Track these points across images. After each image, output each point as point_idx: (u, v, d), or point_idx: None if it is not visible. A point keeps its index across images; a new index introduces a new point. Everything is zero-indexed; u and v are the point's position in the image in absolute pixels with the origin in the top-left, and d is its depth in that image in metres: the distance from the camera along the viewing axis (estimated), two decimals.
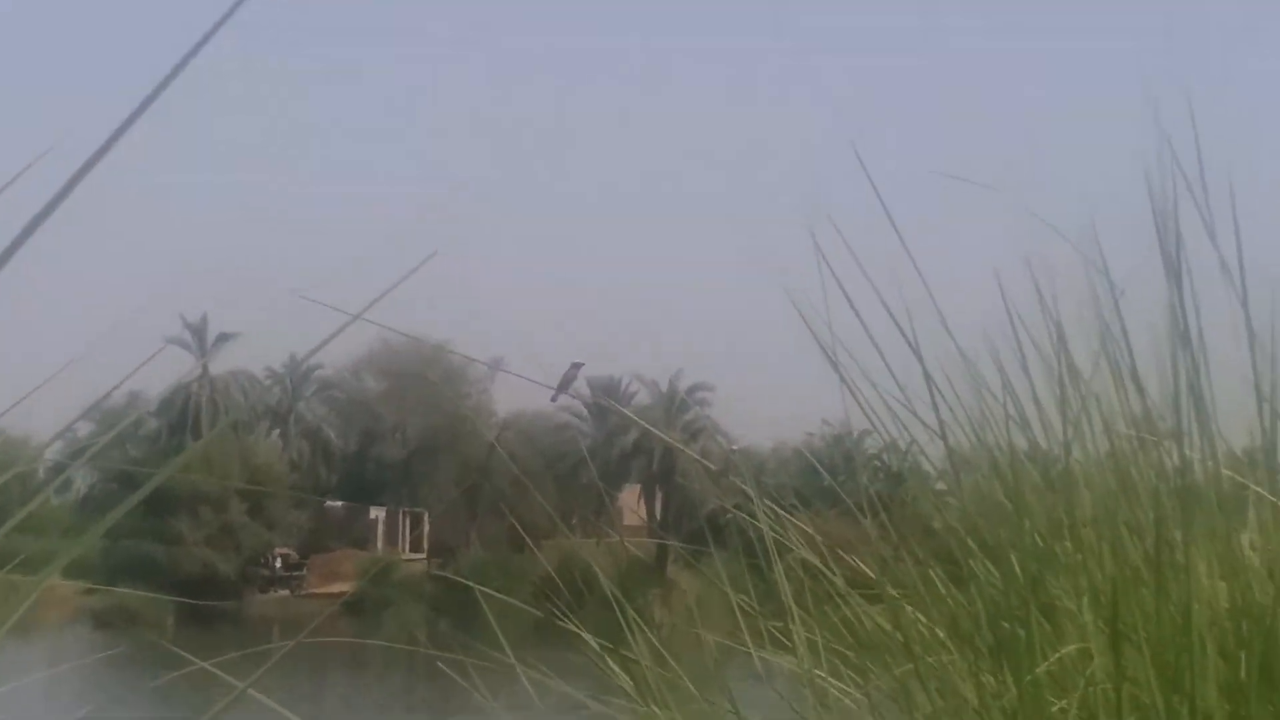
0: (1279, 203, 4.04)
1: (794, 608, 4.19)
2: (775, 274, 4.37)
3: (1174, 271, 3.76)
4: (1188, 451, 3.72)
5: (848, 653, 4.24)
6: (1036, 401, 4.05)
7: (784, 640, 4.27)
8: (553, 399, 5.49)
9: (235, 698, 2.54)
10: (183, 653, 4.32)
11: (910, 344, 4.00)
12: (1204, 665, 3.42)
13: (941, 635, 3.94)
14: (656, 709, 4.22)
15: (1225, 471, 3.77)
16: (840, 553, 4.44)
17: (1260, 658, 3.44)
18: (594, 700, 4.50)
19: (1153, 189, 3.82)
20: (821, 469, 4.63)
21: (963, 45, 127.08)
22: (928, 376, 4.00)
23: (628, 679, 4.34)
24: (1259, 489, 3.77)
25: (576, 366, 5.49)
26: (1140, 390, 3.96)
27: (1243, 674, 3.43)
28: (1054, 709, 3.48)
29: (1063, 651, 3.56)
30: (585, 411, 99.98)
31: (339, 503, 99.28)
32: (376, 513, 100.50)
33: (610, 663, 4.44)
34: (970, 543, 3.92)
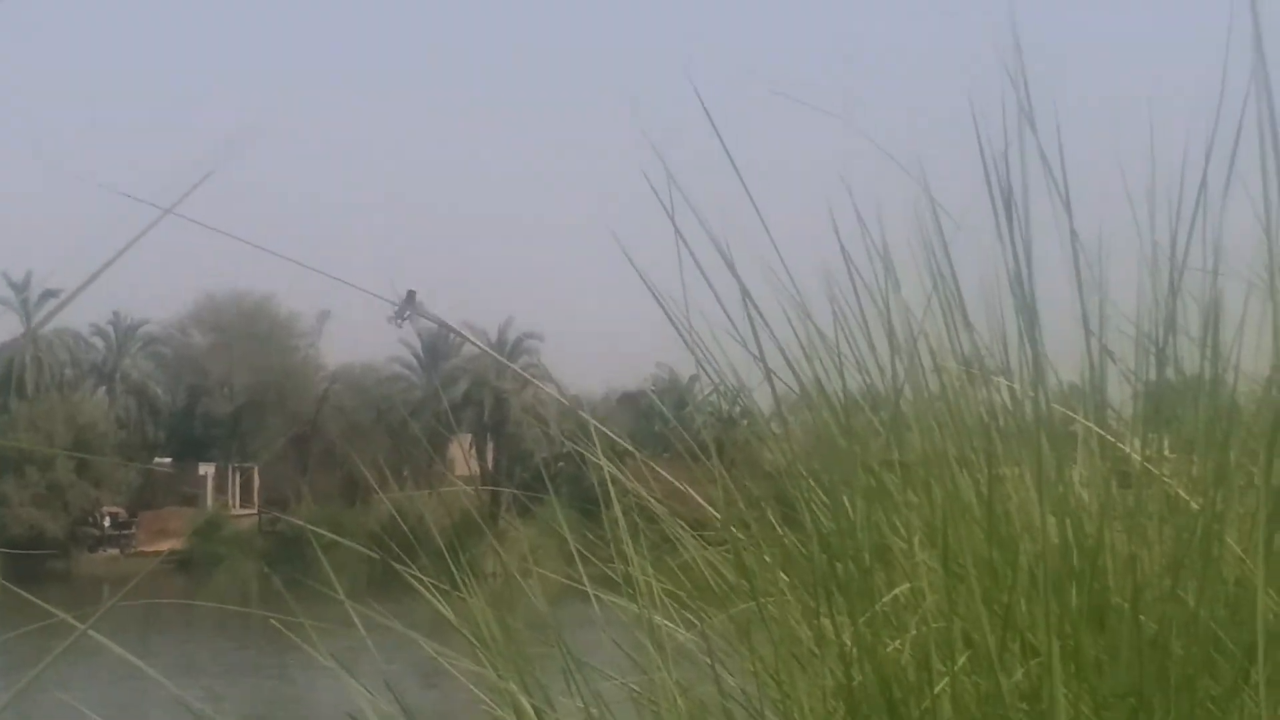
0: (1105, 128, 4.07)
1: (630, 552, 4.17)
2: (604, 215, 4.34)
3: (1004, 204, 3.77)
4: (1017, 388, 3.75)
5: (683, 596, 4.23)
6: (870, 339, 4.06)
7: (620, 585, 4.25)
8: (390, 319, 5.39)
9: (75, 639, 2.48)
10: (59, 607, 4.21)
11: (740, 284, 3.99)
12: (1034, 601, 3.44)
13: (777, 577, 3.94)
14: (490, 656, 4.19)
15: (1055, 407, 3.80)
16: (674, 497, 4.43)
17: (1089, 592, 3.47)
18: (429, 647, 4.46)
19: (978, 118, 3.82)
20: (662, 410, 4.61)
21: None
22: (761, 315, 3.99)
23: (463, 628, 4.30)
24: (1088, 424, 3.80)
25: (412, 294, 5.41)
26: (969, 327, 3.98)
27: (1073, 609, 3.46)
28: (888, 649, 3.49)
29: (896, 591, 3.57)
30: (415, 362, 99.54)
31: (167, 459, 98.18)
32: (206, 469, 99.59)
33: (445, 611, 4.40)
34: (805, 483, 3.91)
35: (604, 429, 4.56)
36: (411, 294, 5.39)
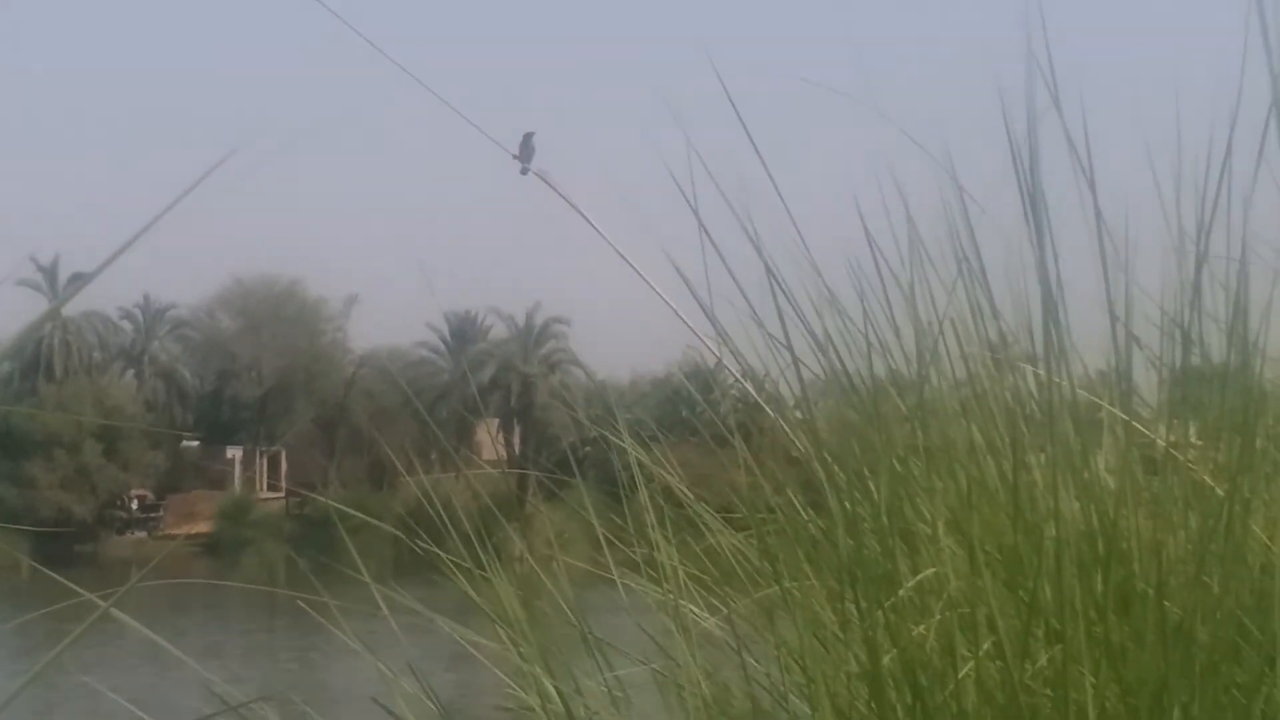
0: (1133, 116, 4.05)
1: (655, 537, 4.18)
2: (629, 199, 4.34)
3: (1029, 189, 3.76)
4: (1042, 374, 3.74)
5: (708, 580, 4.23)
6: (895, 325, 4.05)
7: (646, 569, 4.26)
8: (523, 172, 5.20)
9: (96, 618, 2.50)
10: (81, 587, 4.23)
11: (769, 268, 3.98)
12: (1059, 587, 3.44)
13: (802, 562, 3.94)
14: (515, 639, 4.20)
15: (1080, 393, 3.79)
16: (700, 482, 4.43)
17: (1114, 578, 3.47)
18: (451, 629, 4.47)
19: (1004, 101, 3.81)
20: (690, 393, 4.60)
21: None
22: (791, 299, 3.99)
23: (489, 610, 4.31)
24: (1113, 410, 3.79)
25: (529, 136, 5.22)
26: (995, 313, 3.97)
27: (1097, 595, 3.46)
28: (913, 633, 3.49)
29: (921, 576, 3.57)
30: (443, 346, 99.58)
31: (195, 443, 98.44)
32: (233, 452, 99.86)
33: (471, 594, 4.40)
34: (830, 468, 3.90)
35: (629, 414, 4.57)
36: (529, 136, 5.21)
